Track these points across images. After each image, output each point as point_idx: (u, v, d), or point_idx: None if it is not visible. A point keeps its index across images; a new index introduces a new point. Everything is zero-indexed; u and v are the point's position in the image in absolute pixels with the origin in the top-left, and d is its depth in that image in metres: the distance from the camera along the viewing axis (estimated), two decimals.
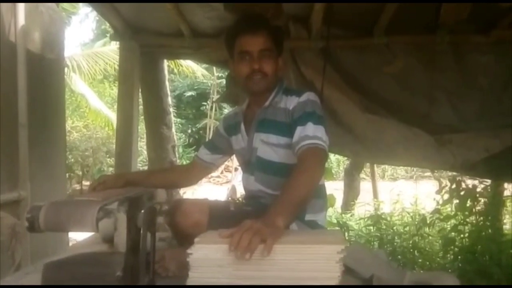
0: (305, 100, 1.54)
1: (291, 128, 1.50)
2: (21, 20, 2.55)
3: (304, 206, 1.43)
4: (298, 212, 1.29)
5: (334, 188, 6.02)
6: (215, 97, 14.67)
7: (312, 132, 1.42)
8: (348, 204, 6.41)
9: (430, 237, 4.02)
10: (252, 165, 1.65)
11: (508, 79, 2.83)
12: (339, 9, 2.61)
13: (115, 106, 4.21)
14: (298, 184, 1.26)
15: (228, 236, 0.98)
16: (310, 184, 1.30)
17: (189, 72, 10.66)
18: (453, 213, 3.64)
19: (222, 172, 14.54)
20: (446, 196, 3.58)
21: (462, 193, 3.44)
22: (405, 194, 5.53)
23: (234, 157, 1.89)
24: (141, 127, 4.50)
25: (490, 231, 3.32)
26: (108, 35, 7.53)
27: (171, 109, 4.06)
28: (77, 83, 8.86)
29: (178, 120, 15.85)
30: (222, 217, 1.44)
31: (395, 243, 4.00)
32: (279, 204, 1.18)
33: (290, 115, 1.55)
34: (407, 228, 4.37)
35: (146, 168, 6.21)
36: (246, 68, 1.56)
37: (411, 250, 3.82)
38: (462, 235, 3.41)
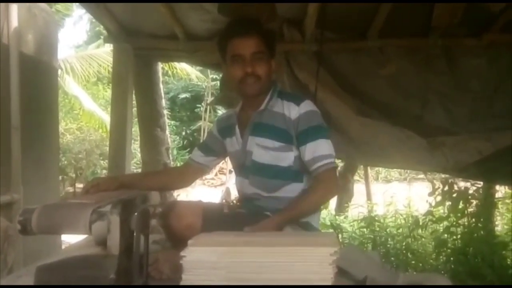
0: (307, 111, 1.57)
1: (290, 135, 1.56)
2: (14, 22, 2.54)
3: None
4: (296, 220, 1.52)
5: None
6: (210, 99, 14.64)
7: (326, 151, 1.53)
8: (341, 206, 6.42)
9: (423, 239, 4.05)
10: (247, 168, 1.65)
11: (500, 82, 2.86)
12: (333, 12, 2.62)
13: (109, 108, 4.19)
14: (309, 202, 1.53)
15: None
16: (320, 203, 1.63)
17: (184, 74, 10.63)
18: (445, 215, 3.67)
19: (216, 174, 14.52)
20: (438, 198, 3.60)
21: (454, 195, 3.46)
22: (399, 196, 5.57)
23: (228, 159, 1.89)
24: (135, 129, 4.49)
25: (482, 232, 3.35)
26: (102, 37, 7.49)
27: (165, 111, 4.05)
28: (70, 85, 8.80)
29: (172, 122, 15.79)
30: (216, 220, 1.45)
31: (388, 245, 4.01)
32: (286, 211, 1.47)
33: (291, 124, 1.56)
34: (400, 230, 4.39)
35: (139, 170, 6.18)
36: (239, 71, 1.56)
37: (404, 251, 3.85)
38: (454, 237, 3.44)
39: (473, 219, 3.40)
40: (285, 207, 1.51)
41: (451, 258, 3.37)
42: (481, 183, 3.55)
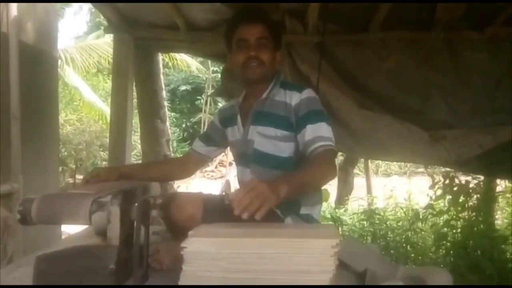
0: (308, 96, 1.55)
1: (291, 123, 1.53)
2: (14, 10, 2.52)
3: (307, 192, 1.49)
4: (301, 192, 1.37)
5: (328, 183, 6.04)
6: (210, 91, 14.64)
7: (326, 133, 1.48)
8: (342, 199, 6.44)
9: (422, 232, 4.06)
10: (248, 157, 1.64)
11: (502, 76, 2.84)
12: (336, 5, 2.61)
13: (109, 100, 4.18)
14: (313, 172, 1.37)
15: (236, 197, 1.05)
16: (322, 178, 1.41)
17: (184, 66, 10.60)
18: (445, 208, 3.67)
19: (216, 167, 14.54)
20: (439, 192, 3.60)
21: (455, 188, 3.46)
22: (399, 189, 5.58)
23: (228, 151, 1.88)
24: (135, 121, 4.48)
25: (482, 226, 3.36)
26: (102, 28, 7.46)
27: (166, 103, 4.04)
28: (70, 76, 8.78)
29: (173, 114, 15.79)
30: (217, 211, 1.44)
31: (388, 238, 4.03)
32: (290, 177, 1.29)
33: (292, 110, 1.55)
34: (400, 223, 4.40)
35: (140, 162, 6.18)
36: (242, 55, 1.56)
37: (404, 245, 3.86)
38: (454, 230, 3.44)
39: (473, 213, 3.41)
40: (286, 176, 1.35)
41: (451, 252, 3.38)
42: (482, 177, 3.54)
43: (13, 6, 2.51)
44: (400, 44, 2.94)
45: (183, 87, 17.74)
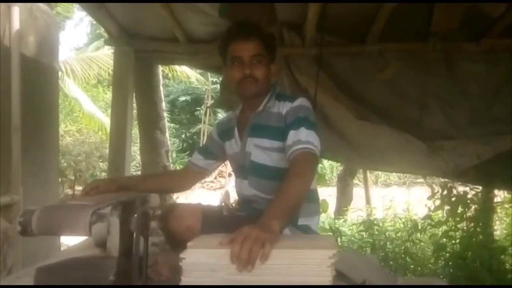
0: (298, 105, 1.57)
1: (284, 133, 1.52)
2: (16, 24, 2.55)
3: (297, 210, 1.45)
4: (292, 216, 1.32)
5: (327, 194, 6.06)
6: (209, 102, 14.69)
7: (305, 137, 1.45)
8: (341, 210, 6.43)
9: (421, 243, 4.05)
10: (246, 169, 1.66)
11: (498, 87, 2.87)
12: (333, 16, 2.63)
13: (109, 111, 4.20)
14: (291, 189, 1.29)
15: (228, 243, 0.99)
16: (303, 188, 1.34)
17: (184, 77, 10.64)
18: (444, 219, 3.68)
19: (215, 178, 14.52)
20: (437, 202, 3.61)
21: (453, 199, 3.47)
22: (398, 200, 5.58)
23: (228, 162, 1.89)
24: (135, 132, 4.50)
25: (481, 237, 3.35)
26: (102, 39, 7.51)
27: (165, 114, 4.06)
28: (70, 87, 8.82)
29: (172, 125, 15.83)
30: (215, 222, 1.45)
31: (387, 249, 4.02)
32: (274, 209, 1.20)
33: (283, 119, 1.57)
34: (399, 234, 4.39)
35: (139, 172, 6.18)
36: (237, 73, 1.58)
37: (403, 255, 3.85)
38: (453, 241, 3.44)
39: (472, 224, 3.40)
40: (270, 210, 1.19)
41: (450, 263, 3.38)
42: (480, 187, 3.55)
43: (16, 20, 2.54)
44: (397, 54, 2.97)
45: (182, 98, 17.80)
